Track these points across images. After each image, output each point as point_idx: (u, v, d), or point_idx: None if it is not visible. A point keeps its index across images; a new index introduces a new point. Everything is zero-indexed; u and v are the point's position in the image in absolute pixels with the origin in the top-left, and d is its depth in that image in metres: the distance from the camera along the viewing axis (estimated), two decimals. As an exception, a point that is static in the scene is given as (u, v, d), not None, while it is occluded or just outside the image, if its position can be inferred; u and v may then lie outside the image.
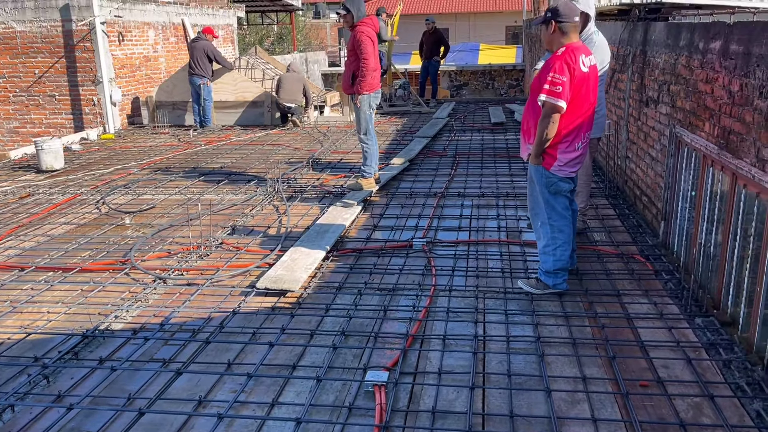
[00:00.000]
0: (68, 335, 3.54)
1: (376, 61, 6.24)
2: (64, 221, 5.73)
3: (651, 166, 5.05)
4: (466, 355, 3.24)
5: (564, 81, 3.52)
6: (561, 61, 3.57)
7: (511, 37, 33.91)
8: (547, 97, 3.53)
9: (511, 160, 7.74)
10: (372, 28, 6.24)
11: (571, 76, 3.54)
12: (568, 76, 3.53)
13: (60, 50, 10.92)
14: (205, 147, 9.15)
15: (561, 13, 3.66)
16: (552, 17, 3.68)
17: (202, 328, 3.60)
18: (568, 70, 3.54)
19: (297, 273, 4.19)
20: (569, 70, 3.54)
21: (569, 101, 3.55)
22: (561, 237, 3.80)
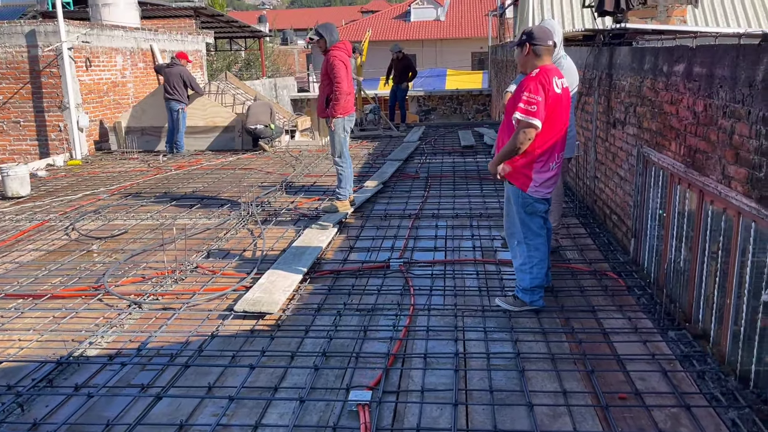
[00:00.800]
0: (41, 363, 3.46)
1: (349, 84, 6.31)
2: (33, 248, 5.62)
3: (620, 185, 5.19)
4: (447, 372, 3.26)
5: (539, 101, 3.62)
6: (535, 82, 3.68)
7: (476, 62, 34.59)
8: (522, 115, 3.63)
9: (482, 182, 7.86)
10: (345, 52, 6.32)
11: (546, 96, 3.65)
12: (543, 96, 3.64)
13: (25, 76, 10.78)
14: (175, 172, 9.08)
15: (535, 36, 3.78)
16: (527, 40, 3.80)
17: (181, 353, 3.56)
18: (542, 90, 3.64)
19: (275, 295, 4.18)
20: (544, 91, 3.65)
21: (543, 121, 3.65)
22: (537, 255, 3.88)
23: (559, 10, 10.24)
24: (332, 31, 6.30)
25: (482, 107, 25.01)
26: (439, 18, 37.66)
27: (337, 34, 6.33)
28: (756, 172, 2.80)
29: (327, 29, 6.30)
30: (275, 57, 39.40)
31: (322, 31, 6.28)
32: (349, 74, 6.33)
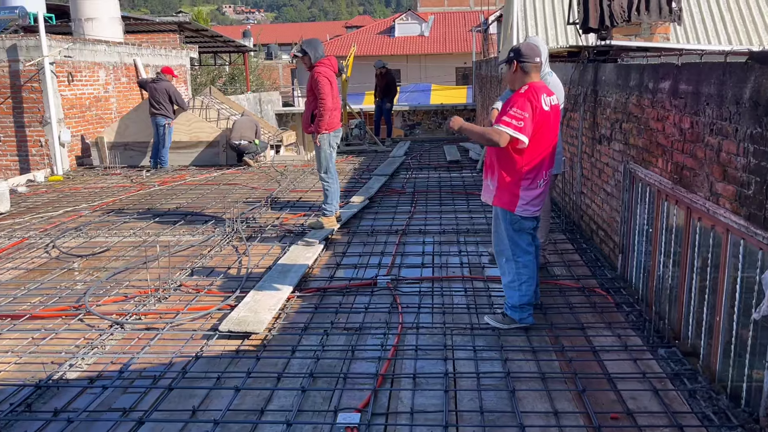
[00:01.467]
0: (19, 386, 3.35)
1: (333, 100, 6.29)
2: (12, 266, 5.49)
3: (606, 201, 5.20)
4: (437, 393, 3.21)
5: (526, 117, 3.61)
6: (524, 98, 3.68)
7: (461, 77, 34.82)
8: (507, 129, 3.60)
9: (469, 197, 7.85)
10: (330, 68, 6.30)
11: (533, 113, 3.64)
12: (530, 112, 3.63)
13: (6, 91, 10.64)
14: (159, 188, 8.98)
15: (523, 53, 3.78)
16: (515, 57, 3.80)
17: (164, 375, 3.47)
18: (530, 107, 3.64)
19: (261, 314, 4.11)
20: (531, 107, 3.64)
21: (531, 138, 3.64)
22: (526, 272, 3.85)
23: (543, 27, 10.33)
24: (317, 48, 6.28)
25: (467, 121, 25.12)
26: (423, 33, 37.92)
27: (322, 50, 6.31)
28: (744, 189, 2.80)
29: (312, 45, 6.28)
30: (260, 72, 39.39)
31: (307, 48, 6.26)
32: (334, 90, 6.31)
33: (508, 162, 3.78)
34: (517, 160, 3.75)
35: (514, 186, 3.78)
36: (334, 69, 6.37)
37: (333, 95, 6.27)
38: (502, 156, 3.79)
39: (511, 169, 3.78)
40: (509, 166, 3.78)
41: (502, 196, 3.83)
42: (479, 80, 22.33)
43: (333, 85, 6.29)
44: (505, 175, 3.78)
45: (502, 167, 3.80)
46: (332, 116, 6.30)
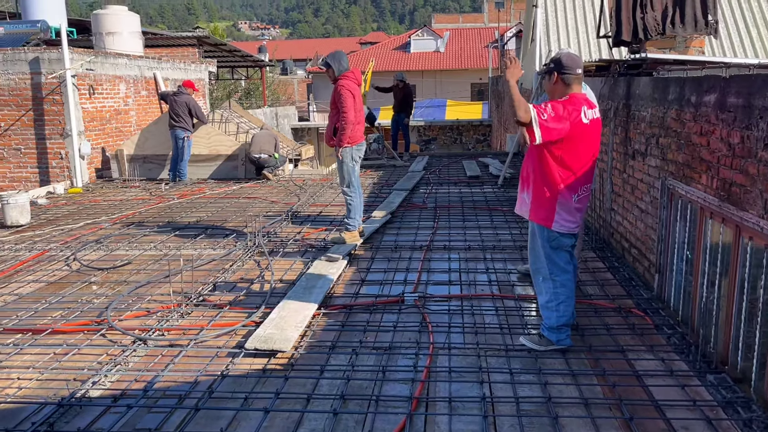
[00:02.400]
0: (41, 404, 3.25)
1: (356, 114, 6.20)
2: (32, 279, 5.42)
3: (640, 218, 5.04)
4: (475, 418, 3.06)
5: (552, 116, 3.47)
6: (560, 104, 3.56)
7: (476, 93, 34.83)
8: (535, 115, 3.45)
9: (492, 213, 7.72)
10: (354, 81, 6.22)
11: (571, 123, 3.51)
12: (560, 121, 3.49)
13: (28, 103, 10.69)
14: (178, 201, 8.93)
15: (564, 64, 3.66)
16: (555, 68, 3.68)
17: (189, 394, 3.35)
18: (565, 114, 3.51)
19: (287, 332, 3.98)
20: (567, 115, 3.51)
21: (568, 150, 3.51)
22: (563, 292, 3.70)
23: (566, 40, 10.24)
24: (341, 61, 6.22)
25: (482, 137, 25.06)
26: (439, 49, 38.01)
27: (346, 63, 6.24)
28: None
29: (335, 59, 6.22)
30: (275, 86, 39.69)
31: (331, 61, 6.20)
32: (357, 103, 6.23)
33: (545, 174, 3.65)
34: (555, 173, 3.62)
35: (551, 200, 3.65)
36: (358, 82, 6.30)
37: (356, 109, 6.19)
38: (539, 168, 3.67)
39: (548, 182, 3.65)
40: (546, 179, 3.65)
41: (539, 210, 3.70)
42: (495, 96, 22.24)
43: (356, 99, 6.20)
44: (542, 188, 3.65)
45: (538, 180, 3.68)
46: (355, 130, 6.21)
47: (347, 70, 6.21)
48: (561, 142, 3.56)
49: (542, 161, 3.63)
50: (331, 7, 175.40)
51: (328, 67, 6.22)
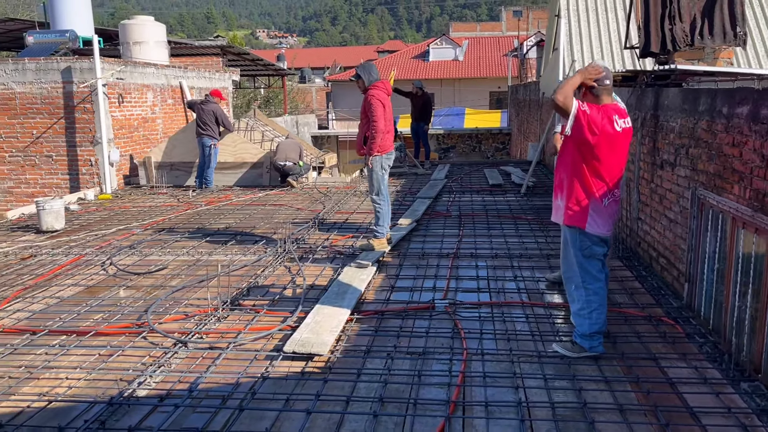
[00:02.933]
0: (91, 403, 3.37)
1: (386, 123, 6.31)
2: (71, 283, 5.58)
3: (669, 227, 5.08)
4: (512, 422, 3.13)
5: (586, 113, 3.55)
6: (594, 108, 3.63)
7: (494, 101, 34.86)
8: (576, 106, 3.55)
9: (517, 221, 7.77)
10: (384, 91, 6.34)
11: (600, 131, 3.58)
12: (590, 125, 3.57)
13: (59, 111, 10.95)
14: (206, 207, 9.09)
15: (593, 76, 3.74)
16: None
17: (232, 395, 3.46)
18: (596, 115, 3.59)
19: (323, 336, 4.08)
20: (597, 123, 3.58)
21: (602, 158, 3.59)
22: (596, 300, 3.77)
23: (589, 50, 10.29)
24: (371, 71, 6.34)
25: (501, 146, 25.10)
26: (458, 58, 38.13)
27: (376, 74, 6.37)
28: (842, 218, 2.70)
29: (366, 69, 6.35)
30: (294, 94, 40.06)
31: (361, 72, 6.33)
32: (387, 113, 6.34)
33: (578, 180, 3.73)
34: (588, 178, 3.70)
35: (584, 203, 3.72)
36: (388, 92, 6.41)
37: (386, 118, 6.30)
38: (572, 173, 3.75)
39: (580, 187, 3.73)
40: (579, 184, 3.73)
41: (572, 213, 3.77)
42: (515, 104, 22.28)
43: (386, 108, 6.32)
44: (575, 192, 3.73)
45: (571, 185, 3.75)
46: (384, 139, 6.32)
47: (377, 80, 6.33)
48: (593, 147, 3.63)
49: (575, 167, 3.71)
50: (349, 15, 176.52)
51: (359, 78, 6.35)
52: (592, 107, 3.61)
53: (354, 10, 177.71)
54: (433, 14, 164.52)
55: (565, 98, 3.55)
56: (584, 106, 3.57)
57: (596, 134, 3.57)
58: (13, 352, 4.05)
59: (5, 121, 11.04)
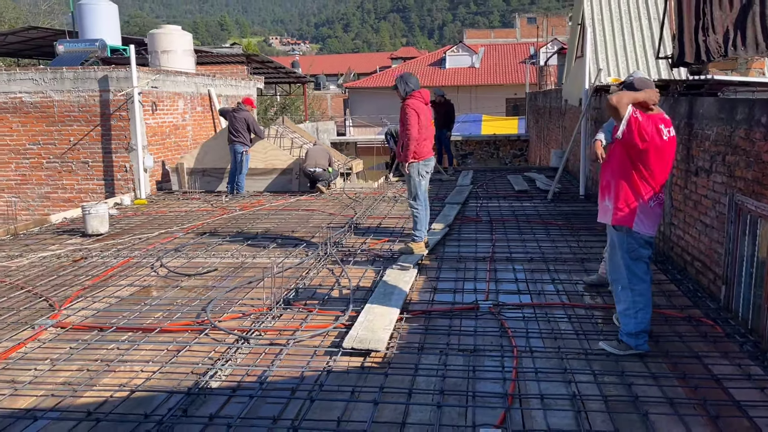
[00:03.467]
0: (169, 393, 3.60)
1: (422, 131, 6.51)
2: (126, 283, 5.83)
3: (704, 232, 5.25)
4: (568, 413, 3.32)
5: (638, 120, 3.75)
6: (644, 116, 3.83)
7: (511, 108, 35.03)
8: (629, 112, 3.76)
9: (548, 226, 7.95)
10: (420, 100, 6.55)
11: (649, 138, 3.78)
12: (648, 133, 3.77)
13: (96, 118, 11.28)
14: (241, 212, 9.35)
15: (635, 87, 3.94)
16: (626, 90, 3.96)
17: (299, 387, 3.68)
18: (647, 123, 3.78)
19: (378, 333, 4.29)
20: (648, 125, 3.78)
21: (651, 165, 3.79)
22: (641, 300, 3.96)
23: (614, 59, 10.47)
24: (407, 82, 6.58)
25: (519, 152, 25.25)
26: (474, 65, 38.37)
27: (414, 83, 6.58)
28: None
29: (402, 80, 6.59)
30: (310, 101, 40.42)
31: (398, 83, 6.60)
32: (422, 121, 6.54)
33: (626, 183, 3.92)
34: (636, 182, 3.89)
35: (632, 204, 3.91)
36: (426, 101, 6.63)
37: (421, 126, 6.51)
38: (620, 175, 3.94)
39: (628, 189, 3.91)
40: (627, 187, 3.91)
41: (620, 213, 3.95)
42: (534, 111, 22.47)
43: (421, 117, 6.52)
44: (623, 193, 3.92)
45: (619, 187, 3.94)
46: (421, 146, 6.53)
47: (415, 89, 6.55)
48: (641, 153, 3.82)
49: (624, 170, 3.91)
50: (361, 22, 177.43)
51: (396, 88, 6.60)
52: (644, 115, 3.81)
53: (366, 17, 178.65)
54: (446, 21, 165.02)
55: (619, 102, 3.76)
56: (637, 113, 3.77)
57: (646, 141, 3.77)
58: (87, 347, 4.30)
59: (43, 128, 11.39)
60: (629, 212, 3.91)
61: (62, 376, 3.87)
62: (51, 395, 3.61)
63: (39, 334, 4.55)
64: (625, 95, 3.80)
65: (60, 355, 4.18)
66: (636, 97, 3.82)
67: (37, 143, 11.44)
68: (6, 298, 5.42)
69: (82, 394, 3.62)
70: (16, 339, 4.47)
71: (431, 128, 6.67)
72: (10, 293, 5.57)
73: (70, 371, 3.93)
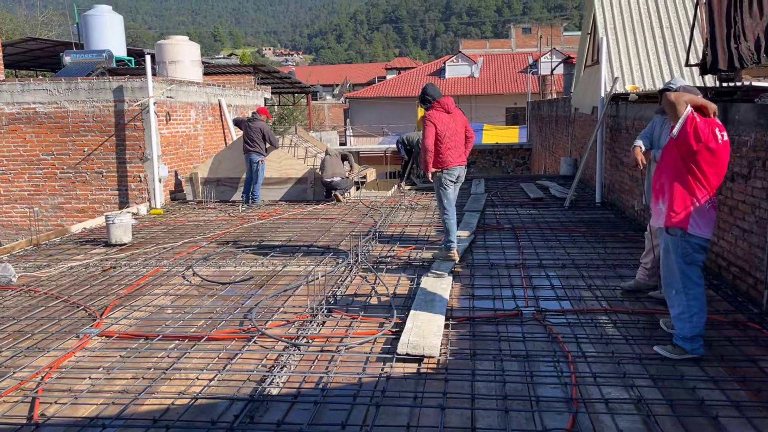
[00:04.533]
0: (231, 400, 3.59)
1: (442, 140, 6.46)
2: (161, 292, 5.81)
3: (742, 237, 5.28)
4: (636, 417, 3.32)
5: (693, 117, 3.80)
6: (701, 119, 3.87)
7: (511, 118, 35.20)
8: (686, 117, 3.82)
9: (571, 233, 7.98)
10: (441, 110, 6.56)
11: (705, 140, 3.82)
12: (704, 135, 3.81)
13: (110, 129, 11.27)
14: (260, 221, 9.34)
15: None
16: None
17: (359, 393, 3.67)
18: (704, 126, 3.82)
19: (429, 339, 4.29)
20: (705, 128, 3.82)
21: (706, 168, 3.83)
22: (696, 305, 3.97)
23: (628, 67, 10.55)
24: (425, 92, 6.70)
25: (522, 161, 25.35)
26: (473, 75, 38.57)
27: (432, 94, 6.64)
28: None
29: (423, 92, 6.71)
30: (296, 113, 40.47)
31: (420, 96, 6.69)
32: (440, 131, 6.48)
33: (681, 185, 3.94)
34: (691, 184, 3.91)
35: (687, 206, 3.92)
36: (446, 109, 6.61)
37: (441, 135, 6.47)
38: (674, 179, 3.96)
39: (684, 191, 3.93)
40: (683, 189, 3.93)
41: (675, 216, 3.96)
42: (537, 120, 22.58)
43: (439, 126, 6.48)
44: (678, 196, 3.93)
45: (673, 190, 3.96)
46: (445, 155, 6.53)
47: (434, 99, 6.58)
48: (695, 154, 3.85)
49: (678, 172, 3.93)
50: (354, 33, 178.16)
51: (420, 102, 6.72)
52: (701, 117, 3.85)
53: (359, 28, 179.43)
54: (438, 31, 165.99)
55: (678, 99, 3.81)
56: (695, 114, 3.80)
57: (700, 142, 3.80)
58: (137, 355, 4.28)
59: (57, 138, 11.37)
60: (684, 215, 3.93)
61: (118, 384, 3.85)
62: (112, 403, 3.58)
63: (85, 343, 4.52)
64: (684, 95, 3.84)
65: (111, 363, 4.15)
66: (695, 100, 3.86)
67: (51, 154, 11.41)
68: (44, 308, 5.39)
69: (143, 402, 3.60)
70: (63, 348, 4.44)
71: (458, 136, 6.65)
72: (47, 303, 5.54)
73: (125, 379, 3.91)
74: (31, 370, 4.07)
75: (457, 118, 6.67)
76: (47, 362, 4.18)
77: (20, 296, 5.78)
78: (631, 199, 8.84)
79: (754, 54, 5.54)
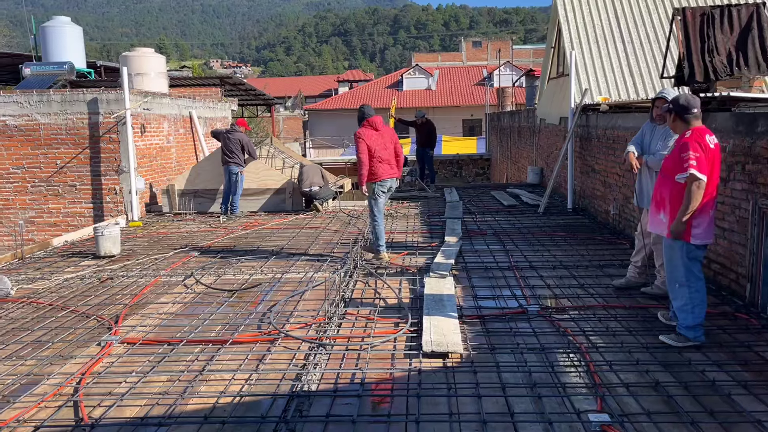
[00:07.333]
0: (273, 396, 3.72)
1: (372, 155, 7.08)
2: (168, 301, 5.85)
3: (722, 236, 5.71)
4: (657, 398, 3.61)
5: (699, 157, 4.15)
6: (693, 141, 4.22)
7: (467, 129, 35.95)
8: (697, 172, 4.12)
9: (552, 237, 8.35)
10: (369, 128, 7.16)
11: (705, 152, 4.18)
12: (702, 152, 4.17)
13: (84, 141, 11.13)
14: (245, 232, 9.39)
15: (687, 107, 4.35)
16: (681, 112, 4.37)
17: (394, 387, 3.85)
18: (701, 148, 4.18)
19: (450, 336, 4.51)
20: (702, 148, 4.18)
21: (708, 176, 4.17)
22: (698, 297, 4.32)
23: (595, 79, 11.10)
24: (361, 110, 7.26)
25: (481, 170, 25.97)
26: (431, 87, 39.25)
27: (362, 113, 7.21)
28: None
29: (359, 111, 7.29)
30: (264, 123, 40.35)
31: (358, 114, 7.29)
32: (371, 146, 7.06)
33: (680, 197, 4.29)
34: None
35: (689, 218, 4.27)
36: (375, 127, 7.19)
37: (372, 150, 7.06)
38: (674, 192, 4.31)
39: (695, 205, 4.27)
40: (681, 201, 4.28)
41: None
42: (497, 131, 23.21)
43: (370, 143, 7.06)
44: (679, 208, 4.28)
45: (675, 202, 4.31)
46: (377, 168, 7.14)
47: (365, 119, 7.14)
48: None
49: (678, 186, 4.28)
50: (303, 45, 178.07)
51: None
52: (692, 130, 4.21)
53: (308, 41, 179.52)
54: (387, 44, 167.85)
55: (699, 187, 4.19)
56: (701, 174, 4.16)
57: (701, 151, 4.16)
58: (166, 360, 4.35)
59: (28, 151, 11.15)
60: (686, 228, 4.27)
61: (155, 386, 3.92)
62: (156, 404, 3.66)
63: (109, 350, 4.55)
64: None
65: (142, 367, 4.21)
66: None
67: (22, 167, 11.18)
68: (54, 318, 5.37)
69: (188, 402, 3.69)
70: (87, 355, 4.47)
71: (387, 151, 7.17)
72: (55, 314, 5.51)
73: (161, 382, 3.98)
74: (62, 376, 4.10)
75: (385, 135, 7.25)
76: (77, 369, 4.21)
77: (24, 308, 5.72)
78: (604, 204, 9.29)
79: (726, 67, 6.02)
